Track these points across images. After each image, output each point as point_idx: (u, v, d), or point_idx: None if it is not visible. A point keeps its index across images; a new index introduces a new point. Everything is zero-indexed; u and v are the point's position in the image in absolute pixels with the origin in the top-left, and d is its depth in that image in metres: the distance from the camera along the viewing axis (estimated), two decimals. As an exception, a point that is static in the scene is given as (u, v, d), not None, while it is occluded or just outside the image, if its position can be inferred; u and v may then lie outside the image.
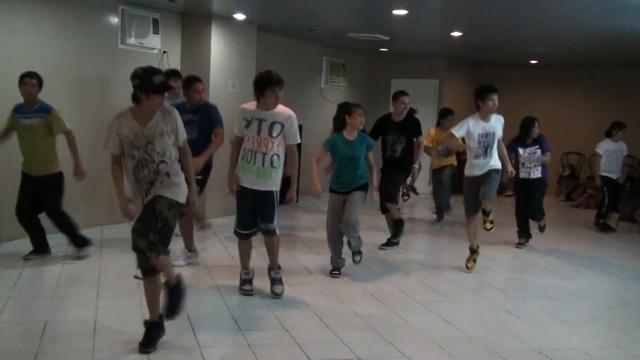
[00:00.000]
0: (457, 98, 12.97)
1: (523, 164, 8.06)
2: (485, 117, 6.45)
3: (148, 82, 3.98)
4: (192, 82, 6.39)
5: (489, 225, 6.55)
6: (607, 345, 4.93)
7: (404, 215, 9.72)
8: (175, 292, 4.07)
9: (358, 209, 6.17)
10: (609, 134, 9.53)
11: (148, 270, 4.19)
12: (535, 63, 12.95)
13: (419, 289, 6.10)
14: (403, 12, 7.51)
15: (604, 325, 5.45)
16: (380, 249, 7.49)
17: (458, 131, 6.49)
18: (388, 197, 7.41)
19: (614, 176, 9.43)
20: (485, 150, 6.44)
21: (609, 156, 9.42)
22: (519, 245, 8.16)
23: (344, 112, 6.39)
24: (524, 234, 8.26)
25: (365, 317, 5.15)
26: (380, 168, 7.28)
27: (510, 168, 7.09)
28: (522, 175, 8.03)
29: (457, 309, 5.59)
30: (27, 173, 6.17)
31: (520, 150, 8.03)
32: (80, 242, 6.44)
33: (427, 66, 12.71)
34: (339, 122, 6.52)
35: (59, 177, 6.23)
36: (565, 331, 5.17)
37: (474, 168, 6.50)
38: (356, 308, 5.36)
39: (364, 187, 6.24)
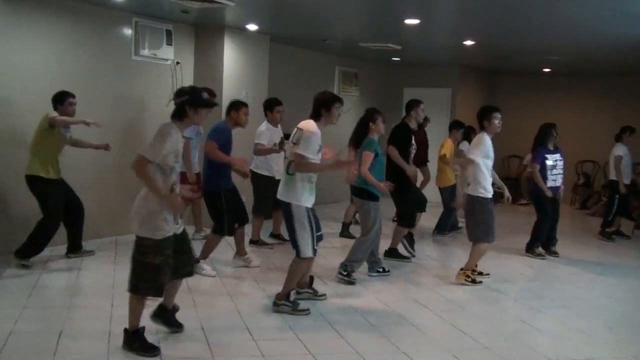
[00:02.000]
0: (470, 107, 12.92)
1: (551, 172, 7.97)
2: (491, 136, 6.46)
3: (198, 98, 4.29)
4: (243, 106, 6.52)
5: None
6: (624, 356, 4.88)
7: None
8: None
9: None
10: (619, 139, 9.44)
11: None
12: (549, 71, 12.90)
13: (433, 298, 6.08)
14: (415, 21, 7.52)
15: (620, 335, 5.40)
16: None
17: (479, 156, 6.35)
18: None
19: (626, 181, 9.35)
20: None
21: (625, 161, 9.34)
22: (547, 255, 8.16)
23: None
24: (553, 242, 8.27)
25: (379, 326, 5.14)
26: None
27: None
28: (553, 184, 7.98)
29: (472, 319, 5.56)
30: (59, 178, 6.41)
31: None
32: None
33: (440, 75, 12.69)
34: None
35: None
36: (582, 341, 5.13)
37: (489, 185, 6.44)
38: (370, 318, 5.35)
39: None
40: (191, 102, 4.24)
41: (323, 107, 5.35)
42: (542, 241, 8.16)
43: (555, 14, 6.77)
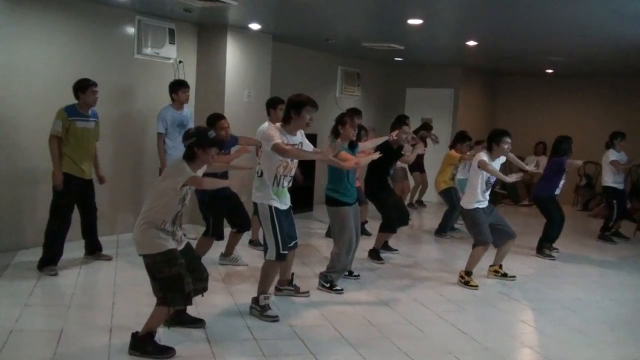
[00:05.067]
0: (472, 107, 12.94)
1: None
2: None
3: (204, 138, 4.35)
4: (217, 120, 6.31)
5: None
6: (625, 357, 4.88)
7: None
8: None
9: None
10: (611, 145, 9.35)
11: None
12: (551, 72, 12.88)
13: (435, 299, 6.08)
14: (418, 21, 7.51)
15: (622, 336, 5.39)
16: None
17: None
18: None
19: (621, 187, 9.34)
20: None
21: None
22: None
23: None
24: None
25: (380, 327, 5.14)
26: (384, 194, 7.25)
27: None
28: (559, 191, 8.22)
29: (472, 320, 5.56)
30: (81, 177, 6.21)
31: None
32: (95, 248, 6.66)
33: (443, 75, 12.67)
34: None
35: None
36: (583, 342, 5.12)
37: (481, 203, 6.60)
38: (372, 318, 5.35)
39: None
40: (199, 143, 4.31)
41: (293, 109, 5.11)
42: (552, 242, 8.24)
43: (558, 15, 6.77)
